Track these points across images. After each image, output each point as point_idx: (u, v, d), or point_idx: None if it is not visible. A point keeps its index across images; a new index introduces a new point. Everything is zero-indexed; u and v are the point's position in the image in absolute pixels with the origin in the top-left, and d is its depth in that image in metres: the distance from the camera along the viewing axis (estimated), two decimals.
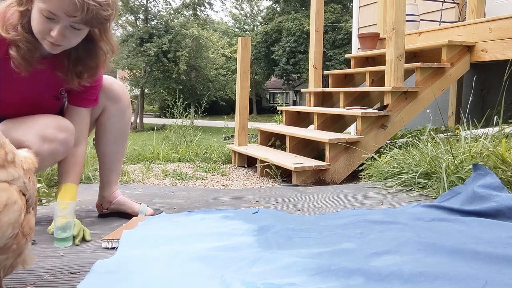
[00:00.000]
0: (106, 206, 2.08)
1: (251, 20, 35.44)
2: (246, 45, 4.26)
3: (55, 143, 1.68)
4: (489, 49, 3.59)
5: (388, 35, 3.40)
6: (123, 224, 1.82)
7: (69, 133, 1.73)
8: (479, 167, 1.99)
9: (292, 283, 1.13)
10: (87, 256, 1.48)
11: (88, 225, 1.96)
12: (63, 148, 1.73)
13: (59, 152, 1.73)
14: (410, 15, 4.35)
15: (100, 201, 2.10)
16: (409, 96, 3.45)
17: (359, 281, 1.12)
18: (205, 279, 1.16)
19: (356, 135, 3.31)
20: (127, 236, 1.57)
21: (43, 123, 1.70)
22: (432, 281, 1.10)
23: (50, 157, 1.72)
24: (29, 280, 1.25)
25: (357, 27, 6.29)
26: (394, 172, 2.63)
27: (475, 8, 4.18)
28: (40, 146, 1.64)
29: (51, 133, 1.67)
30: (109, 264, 1.31)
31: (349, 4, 25.58)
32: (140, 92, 24.97)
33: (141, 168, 3.80)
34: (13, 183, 0.81)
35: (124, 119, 1.99)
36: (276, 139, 4.15)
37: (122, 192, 2.63)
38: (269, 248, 1.43)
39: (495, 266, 1.20)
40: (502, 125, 2.74)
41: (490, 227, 1.59)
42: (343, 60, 22.91)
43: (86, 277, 1.22)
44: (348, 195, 2.43)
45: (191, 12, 25.79)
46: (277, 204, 2.31)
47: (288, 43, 25.71)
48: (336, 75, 4.74)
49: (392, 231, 1.58)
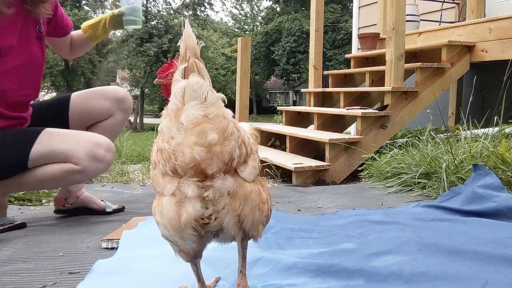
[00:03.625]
0: (71, 201, 2.12)
1: (251, 20, 35.45)
2: (246, 45, 4.27)
3: (102, 164, 1.78)
4: (489, 49, 3.59)
5: (388, 35, 3.40)
6: (123, 224, 1.82)
7: (113, 154, 1.85)
8: (479, 167, 1.98)
9: (292, 284, 1.13)
10: (87, 256, 1.48)
11: (88, 225, 1.96)
12: (106, 167, 1.84)
13: (103, 171, 1.85)
14: (410, 15, 4.35)
15: (64, 195, 2.13)
16: (409, 96, 3.45)
17: (359, 282, 1.12)
18: (205, 279, 1.16)
19: (356, 135, 3.31)
20: (127, 236, 1.57)
21: (93, 140, 1.78)
22: (432, 281, 1.10)
23: (94, 174, 1.83)
24: (30, 280, 1.25)
25: (357, 27, 6.29)
26: (394, 172, 2.62)
27: (475, 8, 4.19)
28: (89, 164, 1.74)
29: (102, 154, 1.77)
30: (109, 264, 1.31)
31: (349, 4, 25.59)
32: (140, 92, 24.99)
33: (141, 168, 3.80)
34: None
35: (120, 128, 2.18)
36: (276, 139, 4.15)
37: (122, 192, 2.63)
38: (269, 248, 1.43)
39: (495, 266, 1.20)
40: (502, 125, 2.74)
41: (490, 227, 1.59)
42: (343, 60, 22.91)
43: (86, 277, 1.22)
44: (348, 195, 2.43)
45: (191, 12, 25.80)
46: (277, 204, 2.31)
47: (288, 43, 25.72)
48: (336, 75, 4.74)
49: (392, 231, 1.58)
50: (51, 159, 1.73)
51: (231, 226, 0.86)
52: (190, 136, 0.77)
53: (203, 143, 0.77)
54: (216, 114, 0.78)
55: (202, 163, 0.78)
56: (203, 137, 0.77)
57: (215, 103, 0.79)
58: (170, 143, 0.79)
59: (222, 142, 0.79)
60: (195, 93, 0.77)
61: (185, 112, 0.77)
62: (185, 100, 0.77)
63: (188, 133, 0.77)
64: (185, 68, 0.78)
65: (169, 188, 0.83)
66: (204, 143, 0.77)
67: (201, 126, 0.77)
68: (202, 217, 0.82)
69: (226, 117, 0.81)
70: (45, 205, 2.56)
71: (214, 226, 0.85)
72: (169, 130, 0.79)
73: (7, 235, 1.80)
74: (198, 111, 0.77)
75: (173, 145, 0.78)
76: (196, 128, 0.76)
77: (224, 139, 0.79)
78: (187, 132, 0.77)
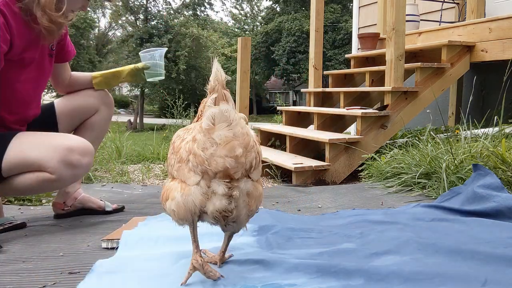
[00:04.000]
0: (70, 203, 2.11)
1: (251, 20, 35.43)
2: (246, 45, 4.27)
3: (78, 169, 1.73)
4: (489, 49, 3.59)
5: (388, 35, 3.40)
6: (123, 224, 1.82)
7: (91, 156, 1.79)
8: (479, 167, 1.98)
9: (292, 284, 1.13)
10: (87, 256, 1.48)
11: (88, 225, 1.96)
12: (85, 171, 1.80)
13: (81, 175, 1.81)
14: (410, 15, 4.35)
15: (63, 198, 2.11)
16: (409, 96, 3.45)
17: (359, 282, 1.12)
18: (206, 279, 1.16)
19: (356, 135, 3.31)
20: (127, 236, 1.57)
21: (65, 145, 1.71)
22: (432, 279, 1.10)
23: (72, 181, 1.79)
24: (30, 280, 1.25)
25: (357, 27, 6.29)
26: (394, 172, 2.62)
27: (475, 8, 4.18)
28: (64, 172, 1.69)
29: (76, 160, 1.71)
30: (109, 264, 1.31)
31: (349, 4, 25.58)
32: (140, 92, 24.97)
33: (141, 168, 3.80)
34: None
35: (108, 124, 2.19)
36: (276, 139, 4.15)
37: (122, 192, 2.63)
38: (269, 248, 1.43)
39: (495, 265, 1.20)
40: (502, 125, 2.74)
41: (490, 227, 1.59)
42: (343, 60, 22.89)
43: (86, 277, 1.22)
44: (348, 195, 2.43)
45: (191, 12, 25.79)
46: (277, 204, 2.31)
47: (288, 43, 25.69)
48: (336, 75, 4.74)
49: (392, 231, 1.58)
50: (25, 168, 1.69)
51: (242, 217, 1.10)
52: (222, 150, 1.00)
53: (232, 155, 1.01)
54: (241, 133, 1.02)
55: (231, 170, 1.02)
56: (232, 151, 1.00)
57: (239, 123, 1.01)
58: (205, 152, 1.02)
59: (246, 154, 1.02)
60: (224, 117, 1.00)
61: (217, 132, 1.00)
62: (216, 122, 1.00)
63: (221, 147, 1.01)
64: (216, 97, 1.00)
65: (193, 180, 1.06)
66: (233, 156, 1.01)
67: (231, 143, 1.00)
68: (225, 209, 1.05)
69: (248, 134, 1.05)
70: (45, 205, 2.56)
71: (232, 218, 1.08)
72: (204, 143, 1.02)
73: (7, 235, 1.81)
74: (228, 132, 1.00)
75: (208, 154, 1.01)
76: (227, 146, 1.00)
77: (247, 152, 1.03)
78: (219, 147, 1.00)
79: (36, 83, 1.88)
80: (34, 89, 1.88)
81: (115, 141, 4.33)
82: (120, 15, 25.82)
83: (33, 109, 1.93)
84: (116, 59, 29.57)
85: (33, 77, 1.84)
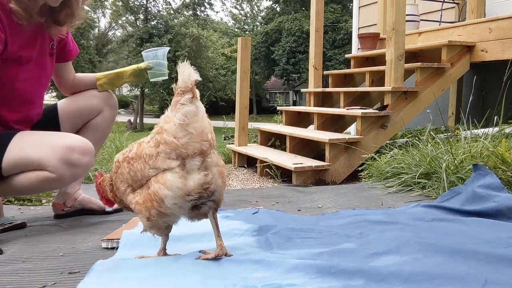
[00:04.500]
0: (70, 204, 2.11)
1: (251, 20, 35.44)
2: (246, 45, 4.26)
3: (78, 169, 1.72)
4: (489, 49, 3.59)
5: (388, 35, 3.40)
6: (123, 224, 1.82)
7: (91, 155, 1.78)
8: (479, 167, 1.98)
9: (292, 284, 1.13)
10: (87, 256, 1.48)
11: (88, 225, 1.96)
12: (85, 171, 1.78)
13: (81, 175, 1.80)
14: (410, 15, 4.35)
15: (63, 199, 2.11)
16: (409, 96, 3.45)
17: (359, 282, 1.12)
18: (206, 279, 1.16)
19: (356, 135, 3.31)
20: (127, 236, 1.57)
21: (65, 144, 1.71)
22: (432, 279, 1.10)
23: (72, 180, 1.78)
24: (30, 280, 1.25)
25: (357, 27, 6.29)
26: (394, 172, 2.62)
27: (475, 8, 4.18)
28: (64, 171, 1.68)
29: (76, 159, 1.70)
30: (109, 264, 1.31)
31: (349, 4, 25.58)
32: (140, 92, 24.97)
33: None
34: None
35: (111, 125, 2.18)
36: (276, 139, 4.15)
37: None
38: (269, 248, 1.43)
39: (495, 265, 1.20)
40: (502, 125, 2.74)
41: (490, 227, 1.59)
42: (343, 60, 22.89)
43: (86, 277, 1.22)
44: (348, 195, 2.43)
45: (191, 12, 25.79)
46: (277, 204, 2.31)
47: (288, 43, 25.69)
48: (336, 75, 4.74)
49: (392, 231, 1.58)
50: (25, 167, 1.69)
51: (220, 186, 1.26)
52: (197, 137, 1.20)
53: (206, 140, 1.21)
54: (208, 122, 1.23)
55: (207, 150, 1.22)
56: (205, 137, 1.21)
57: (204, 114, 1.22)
58: (178, 140, 1.18)
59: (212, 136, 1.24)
60: (196, 112, 1.18)
61: (192, 124, 1.18)
62: (189, 117, 1.17)
63: (196, 135, 1.19)
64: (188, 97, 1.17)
65: (174, 163, 1.20)
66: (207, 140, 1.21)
67: (204, 131, 1.21)
68: (205, 181, 1.21)
69: (210, 122, 1.25)
70: (45, 205, 2.56)
71: (213, 188, 1.23)
72: (175, 132, 1.18)
73: (7, 235, 1.81)
74: (201, 124, 1.20)
75: (183, 142, 1.18)
76: (202, 133, 1.20)
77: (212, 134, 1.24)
78: (194, 135, 1.19)
79: (37, 83, 1.88)
80: (35, 88, 1.88)
81: (115, 141, 4.33)
82: (120, 15, 25.83)
83: (36, 109, 1.93)
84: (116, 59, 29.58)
85: (33, 76, 1.84)
